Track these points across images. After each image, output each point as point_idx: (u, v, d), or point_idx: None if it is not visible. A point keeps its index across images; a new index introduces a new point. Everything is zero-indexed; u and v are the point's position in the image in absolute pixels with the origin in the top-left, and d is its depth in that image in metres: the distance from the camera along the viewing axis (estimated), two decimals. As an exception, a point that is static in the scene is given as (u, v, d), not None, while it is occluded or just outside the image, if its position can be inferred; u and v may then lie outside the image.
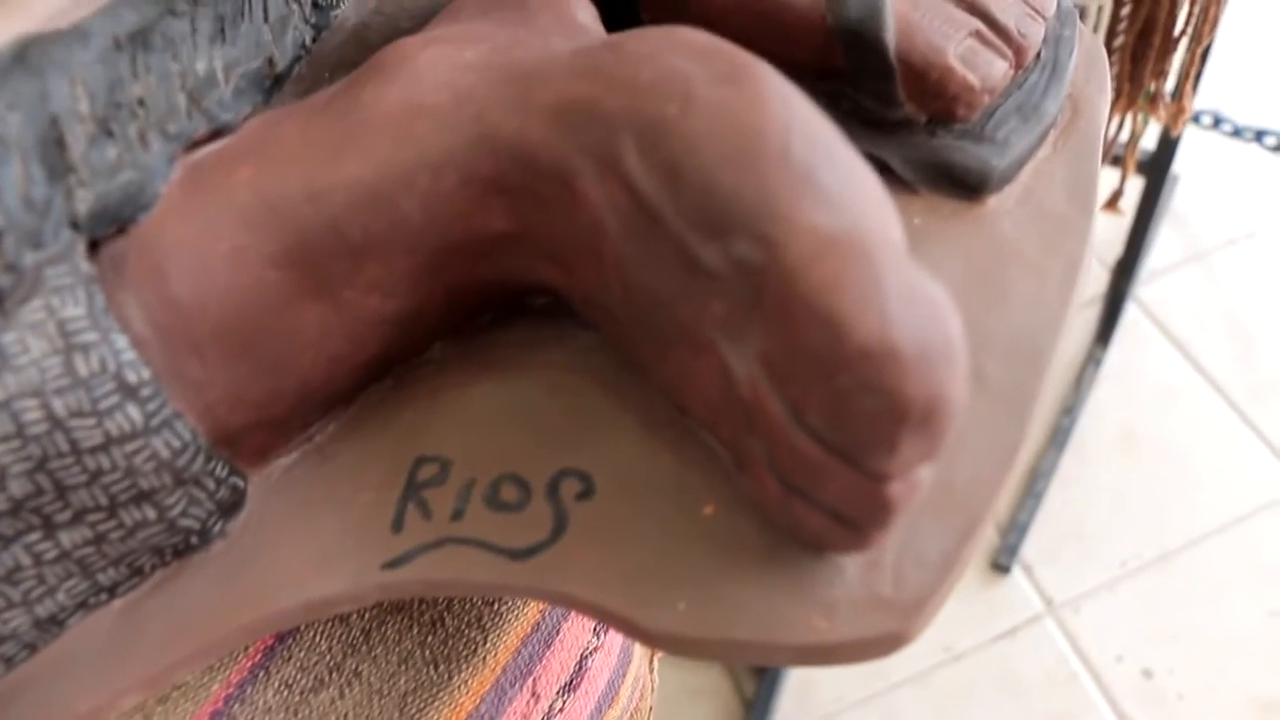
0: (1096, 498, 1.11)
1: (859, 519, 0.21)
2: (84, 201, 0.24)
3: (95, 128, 0.25)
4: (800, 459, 0.21)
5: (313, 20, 0.31)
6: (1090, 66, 0.34)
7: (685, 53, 0.23)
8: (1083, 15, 0.67)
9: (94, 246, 0.25)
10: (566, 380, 0.29)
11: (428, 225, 0.26)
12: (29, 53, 0.24)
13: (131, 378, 0.24)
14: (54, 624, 0.27)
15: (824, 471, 0.21)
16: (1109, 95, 0.34)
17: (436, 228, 0.26)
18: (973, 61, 0.30)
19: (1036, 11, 0.32)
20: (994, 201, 0.31)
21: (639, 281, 0.24)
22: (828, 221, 0.20)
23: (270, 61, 0.29)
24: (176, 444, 0.25)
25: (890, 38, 0.30)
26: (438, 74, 0.27)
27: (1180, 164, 0.91)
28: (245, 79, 0.28)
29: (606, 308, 0.26)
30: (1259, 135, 1.20)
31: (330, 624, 0.31)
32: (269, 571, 0.28)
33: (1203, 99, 1.27)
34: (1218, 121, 1.20)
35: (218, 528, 0.28)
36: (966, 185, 0.31)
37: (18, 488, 0.24)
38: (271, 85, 0.30)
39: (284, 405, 0.28)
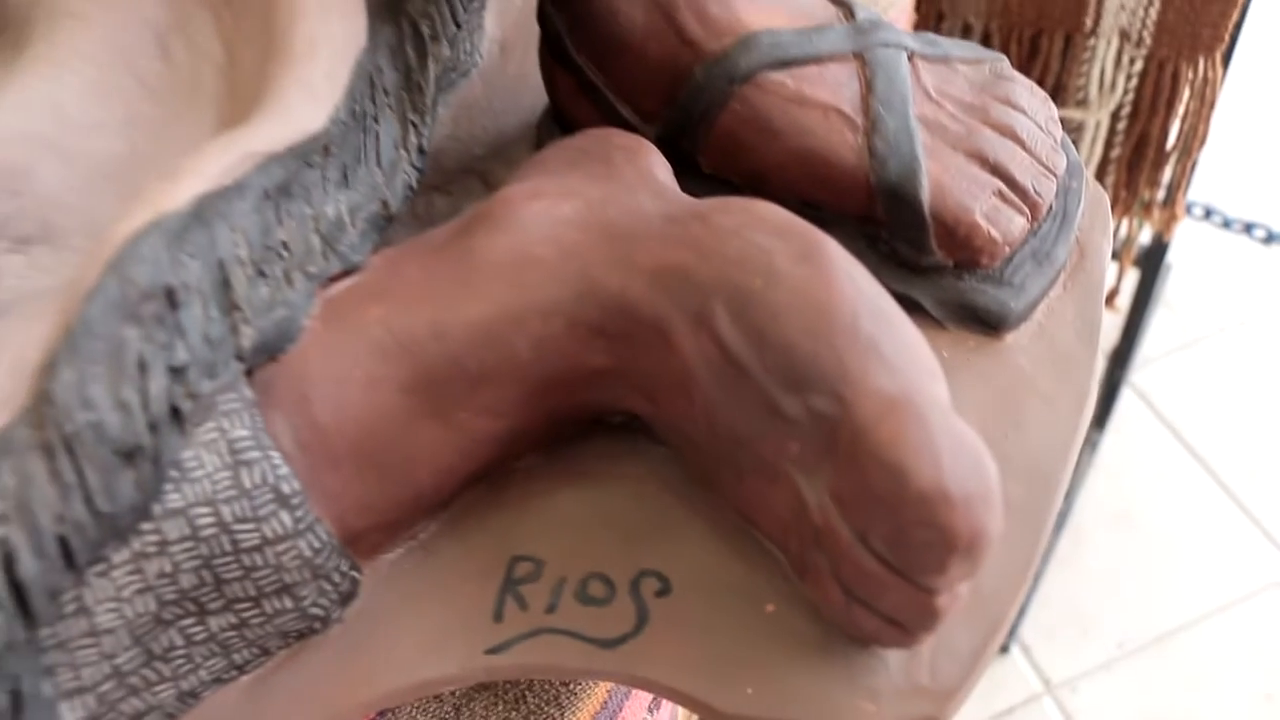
0: (1093, 579, 1.17)
1: (910, 623, 0.27)
2: (248, 337, 0.29)
3: (253, 270, 0.30)
4: (863, 573, 0.26)
5: (418, 164, 0.36)
6: (1095, 214, 0.40)
7: (765, 229, 0.29)
8: (1082, 129, 0.74)
9: (248, 373, 0.31)
10: (643, 489, 0.34)
11: (536, 361, 0.31)
12: (202, 208, 0.30)
13: (286, 489, 0.29)
14: (192, 696, 0.32)
15: (883, 585, 0.26)
16: (1111, 239, 0.40)
17: (543, 363, 0.31)
18: (995, 218, 0.36)
19: (1049, 170, 0.38)
20: (1011, 338, 0.37)
21: (724, 420, 0.29)
22: (889, 385, 0.26)
23: (385, 204, 0.35)
24: (317, 544, 0.30)
25: (925, 196, 0.35)
26: (542, 227, 0.32)
27: (1173, 254, 0.98)
28: (366, 221, 0.34)
29: (690, 437, 0.31)
30: (1249, 228, 1.27)
31: (425, 700, 0.36)
32: (382, 654, 0.33)
33: (1195, 191, 1.34)
34: (1209, 213, 1.27)
35: (336, 614, 0.33)
36: (988, 324, 0.36)
37: (186, 581, 0.29)
38: (386, 225, 0.35)
39: (401, 510, 0.33)
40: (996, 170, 0.36)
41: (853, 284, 0.28)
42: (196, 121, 0.35)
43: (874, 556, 0.26)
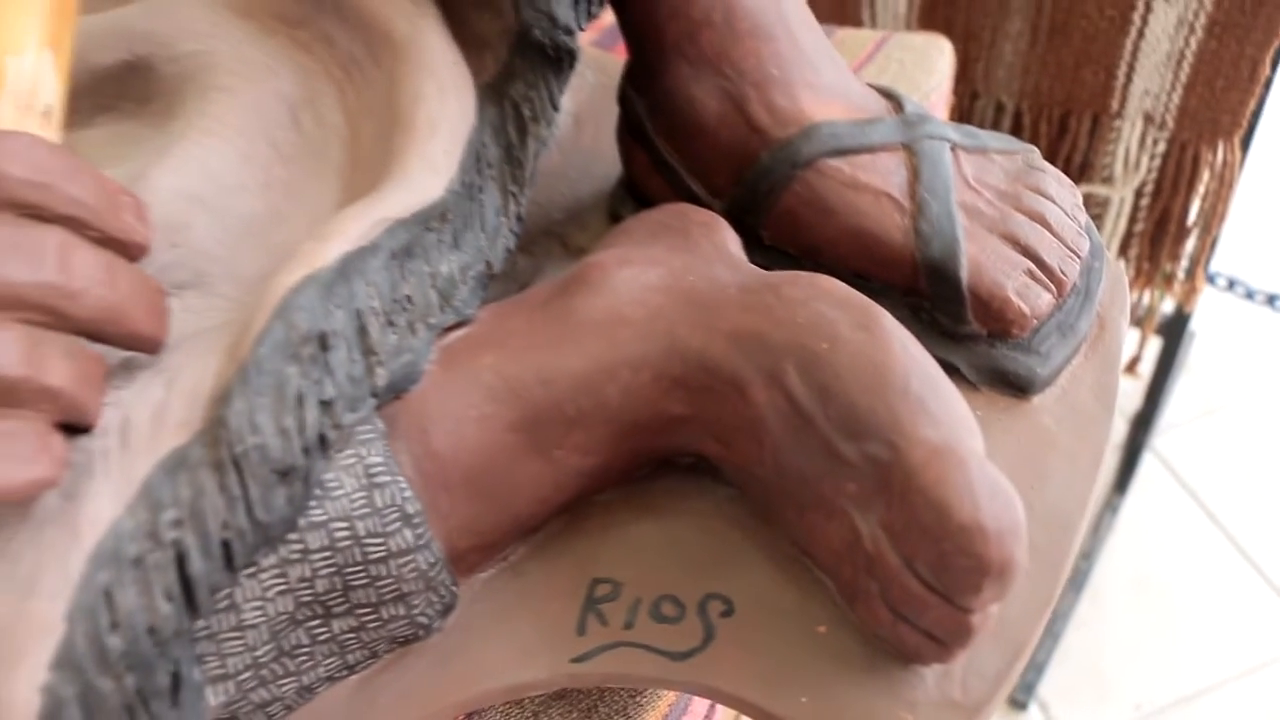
0: (1111, 640, 1.21)
1: (948, 639, 0.32)
2: (381, 378, 0.35)
3: (384, 320, 0.36)
4: (909, 595, 0.32)
5: (515, 230, 0.42)
6: (1114, 291, 0.46)
7: (830, 300, 0.35)
8: (1107, 205, 0.80)
9: (378, 409, 0.37)
10: (709, 523, 0.40)
11: (625, 407, 0.37)
12: (346, 265, 0.36)
13: (410, 509, 0.35)
14: (309, 691, 0.37)
15: (926, 605, 0.31)
16: (1128, 314, 0.46)
17: (631, 409, 0.37)
18: (1026, 294, 0.42)
19: (1074, 252, 0.43)
20: (1037, 400, 0.42)
21: (790, 462, 0.35)
22: (935, 436, 0.31)
23: (489, 264, 0.41)
24: (431, 559, 0.36)
25: (964, 274, 0.41)
26: (632, 291, 0.38)
27: (1197, 322, 1.03)
28: (474, 279, 0.40)
29: (758, 476, 0.37)
30: (1271, 300, 1.33)
31: (508, 705, 0.41)
32: (477, 660, 0.38)
33: (1220, 263, 1.40)
34: (1232, 284, 1.33)
35: (437, 624, 0.38)
36: (1017, 386, 0.42)
37: (321, 585, 0.34)
38: (489, 282, 0.41)
39: (499, 534, 0.38)
40: (1027, 252, 0.42)
41: (904, 350, 0.33)
42: (323, 185, 0.42)
43: (919, 580, 0.31)
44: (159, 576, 0.31)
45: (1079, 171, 0.79)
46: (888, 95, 0.46)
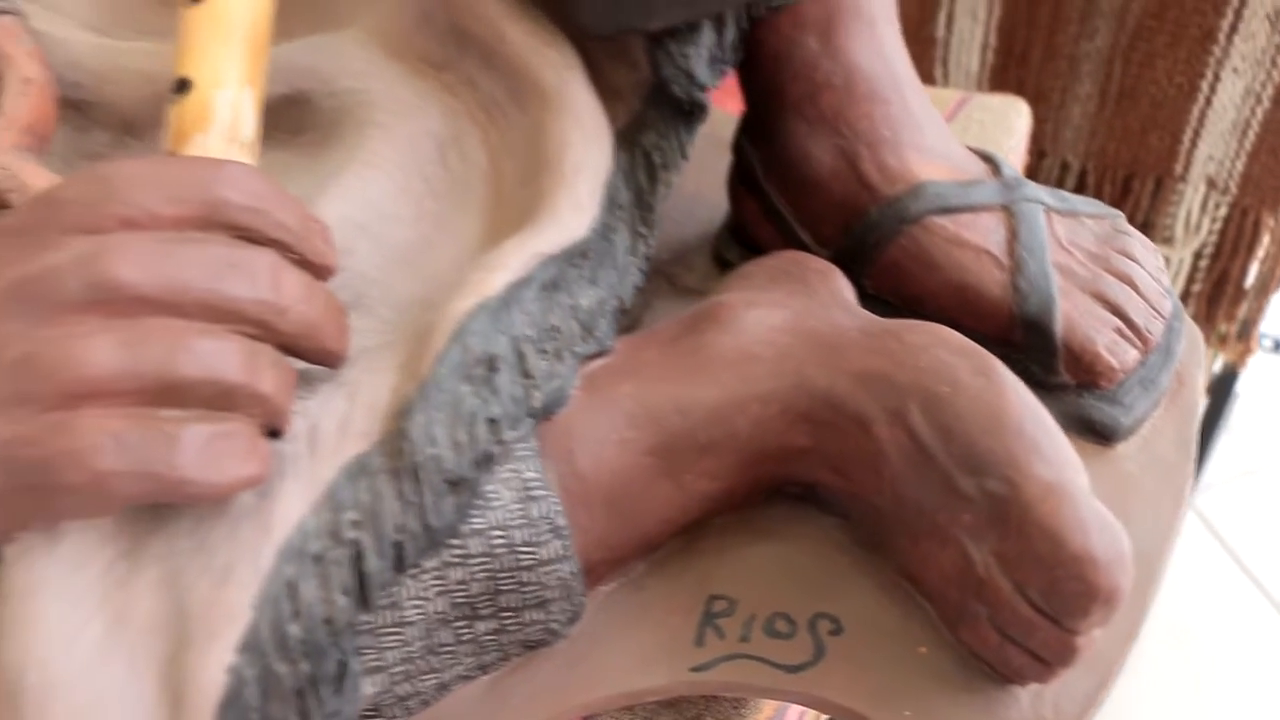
0: (1148, 693, 1.25)
1: (1052, 659, 0.37)
2: (537, 399, 0.40)
3: (537, 347, 0.41)
4: (1019, 618, 0.36)
5: (643, 269, 0.47)
6: (1192, 349, 0.51)
7: (949, 348, 0.40)
8: (1166, 265, 0.85)
9: (528, 429, 0.41)
10: (817, 548, 0.45)
11: (752, 437, 0.42)
12: (509, 295, 0.40)
13: (560, 522, 0.40)
14: (446, 688, 0.42)
15: (1034, 627, 0.36)
16: (1205, 370, 0.51)
17: (758, 439, 0.42)
18: (1114, 350, 0.47)
19: (1158, 312, 0.48)
20: (1121, 448, 0.47)
21: (908, 493, 0.39)
22: (1048, 474, 0.36)
23: (621, 300, 0.46)
24: (573, 569, 0.40)
25: (1058, 329, 0.46)
26: (760, 331, 0.43)
27: (1240, 382, 1.08)
28: (609, 313, 0.45)
29: (873, 505, 0.41)
30: (1315, 361, 1.38)
31: (619, 712, 0.46)
32: (600, 667, 0.43)
33: (1266, 324, 1.45)
34: (1278, 345, 1.38)
35: (564, 631, 0.43)
36: (1102, 435, 0.47)
37: (475, 589, 0.39)
38: (620, 317, 0.46)
39: (627, 550, 0.43)
40: (1117, 311, 0.47)
41: (1019, 395, 0.38)
42: (468, 218, 0.47)
43: (1029, 605, 0.36)
44: (337, 572, 0.36)
45: (1140, 231, 0.84)
46: (985, 158, 0.52)
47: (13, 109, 0.46)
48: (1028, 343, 0.47)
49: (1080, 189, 0.85)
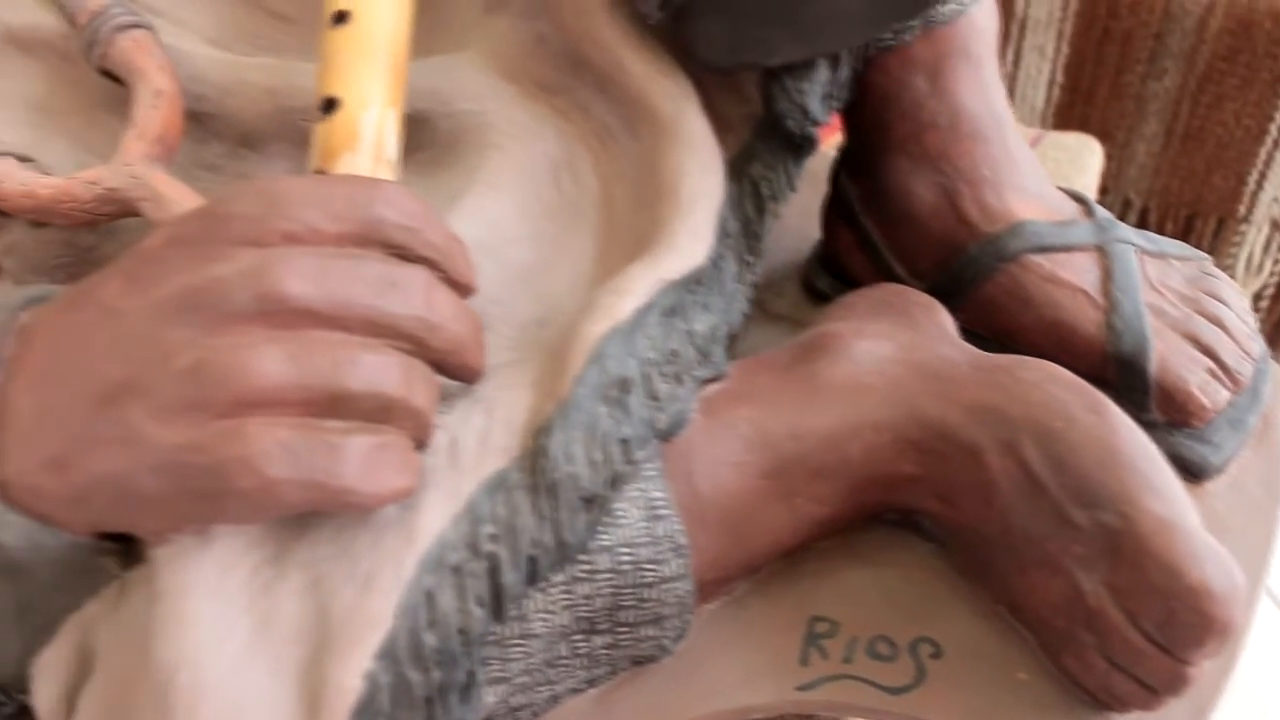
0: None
1: (1161, 688, 0.39)
2: (662, 421, 0.42)
3: (660, 371, 0.43)
4: (1129, 647, 0.39)
5: (749, 297, 0.50)
6: (1278, 391, 0.53)
7: (1061, 385, 0.42)
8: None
9: (642, 450, 0.43)
10: (914, 574, 0.47)
11: (863, 464, 0.44)
12: (637, 319, 0.42)
13: (681, 541, 0.42)
14: (556, 700, 0.44)
15: (1145, 656, 0.38)
16: (1290, 413, 0.53)
17: (868, 466, 0.44)
18: (1206, 390, 0.49)
19: (1247, 354, 0.51)
20: (1210, 485, 0.49)
21: (1018, 523, 0.42)
22: (1161, 508, 0.38)
23: (730, 325, 0.48)
24: (689, 587, 0.43)
25: (1152, 368, 0.48)
26: (870, 361, 0.46)
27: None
28: (722, 339, 0.47)
29: (980, 533, 0.44)
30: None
31: (720, 728, 0.48)
32: (705, 683, 0.45)
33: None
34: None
35: (671, 647, 0.45)
36: (1192, 473, 0.49)
37: (598, 603, 0.41)
38: (729, 344, 0.48)
39: (736, 569, 0.45)
40: (1208, 351, 0.50)
41: (1130, 433, 0.41)
42: (581, 240, 0.49)
43: (1142, 635, 0.38)
44: (474, 584, 0.37)
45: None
46: (1076, 198, 0.54)
47: (144, 120, 0.48)
48: (1120, 380, 0.49)
49: (1142, 226, 0.87)
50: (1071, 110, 0.85)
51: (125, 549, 0.38)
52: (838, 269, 0.57)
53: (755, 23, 0.45)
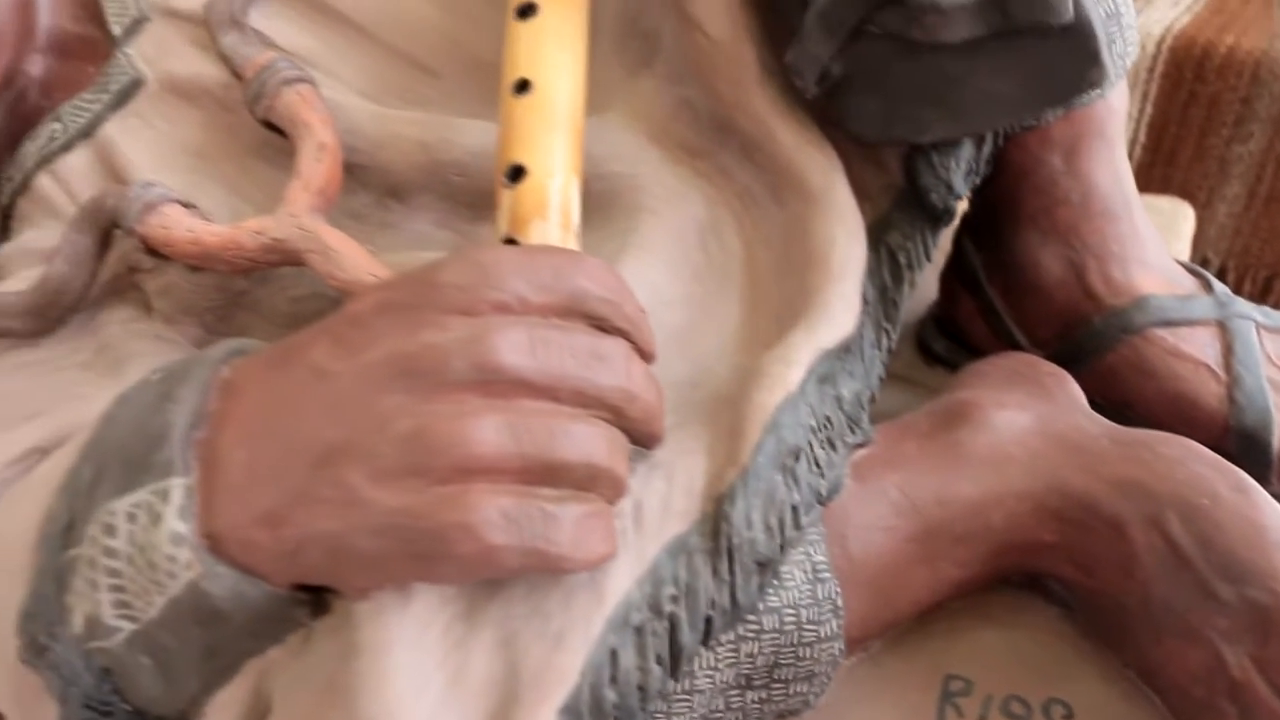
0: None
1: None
2: (824, 487, 0.45)
3: (819, 438, 0.46)
4: (1273, 717, 0.42)
5: (886, 362, 0.53)
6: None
7: (1203, 463, 0.46)
8: None
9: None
10: (1043, 636, 0.50)
11: (1004, 531, 0.47)
12: (801, 389, 0.46)
13: (839, 602, 0.45)
14: (703, 750, 0.47)
15: (1288, 726, 0.42)
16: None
17: (1008, 534, 0.47)
18: (1322, 462, 0.53)
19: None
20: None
21: (1158, 595, 0.45)
22: (1311, 587, 0.42)
23: (871, 390, 0.51)
24: (842, 647, 0.46)
25: (1276, 441, 0.52)
26: (1011, 431, 0.49)
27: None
28: (865, 404, 0.50)
29: (1117, 602, 0.47)
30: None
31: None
32: (845, 737, 0.48)
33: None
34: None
35: (815, 703, 0.48)
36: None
37: (760, 661, 0.44)
38: (870, 409, 0.51)
39: (877, 628, 0.48)
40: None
41: (1274, 511, 0.44)
42: (726, 303, 0.52)
43: (1288, 707, 0.42)
44: (654, 643, 0.40)
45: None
46: (1194, 273, 0.58)
47: (309, 172, 0.51)
48: (1241, 453, 0.53)
49: (1219, 285, 0.91)
50: (1153, 170, 0.89)
51: (315, 600, 0.41)
52: (954, 332, 0.61)
53: (908, 102, 0.49)
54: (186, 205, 0.53)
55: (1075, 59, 0.46)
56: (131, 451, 0.39)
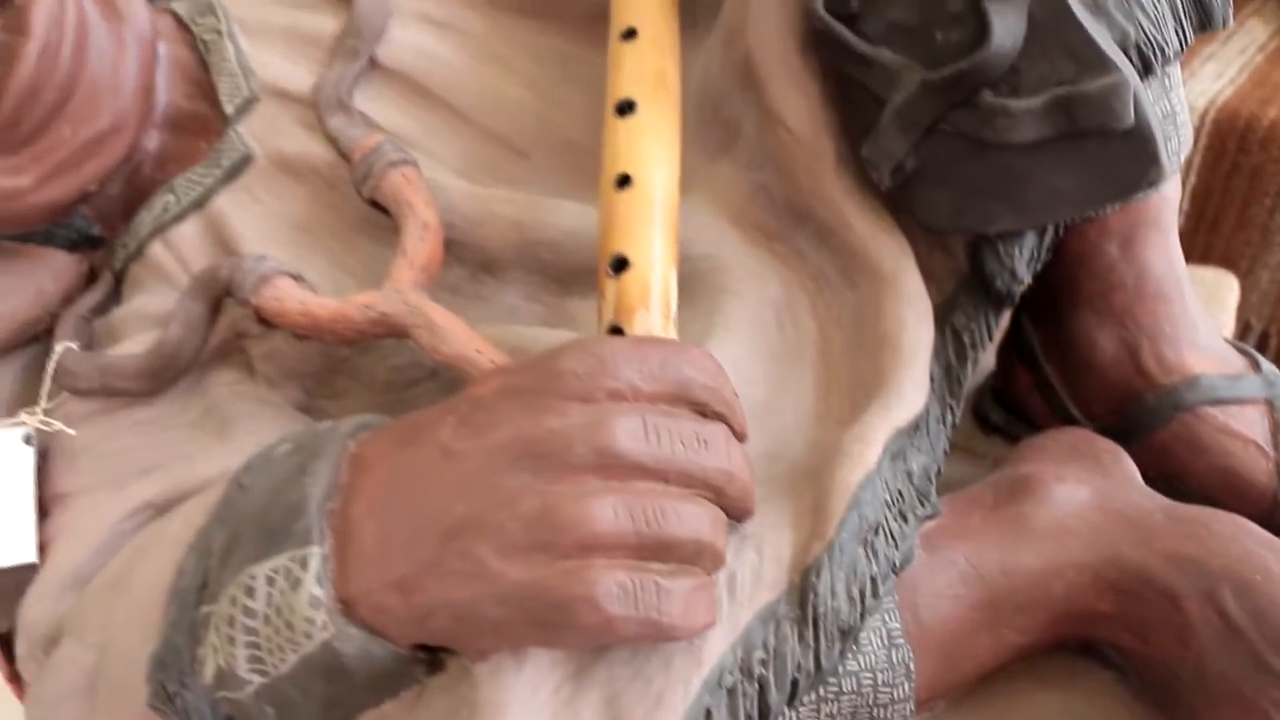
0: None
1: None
2: (899, 558, 0.49)
3: (891, 511, 0.51)
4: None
5: (950, 437, 0.57)
6: None
7: (1256, 540, 0.50)
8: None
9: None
10: (1098, 700, 0.54)
11: (1064, 600, 0.52)
12: (878, 465, 0.50)
13: (911, 667, 0.49)
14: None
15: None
16: None
17: (1068, 603, 0.52)
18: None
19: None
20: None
21: (1212, 666, 0.49)
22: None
23: (938, 463, 0.55)
24: (912, 708, 0.50)
25: (1322, 518, 0.56)
26: (1071, 505, 0.53)
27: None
28: (932, 477, 0.54)
29: (1172, 670, 0.51)
30: None
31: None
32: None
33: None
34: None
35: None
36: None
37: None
38: (937, 481, 0.56)
39: (942, 691, 0.52)
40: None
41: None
42: (802, 381, 0.56)
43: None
44: (744, 704, 0.44)
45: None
46: (1243, 352, 0.62)
47: (413, 251, 0.56)
48: (1287, 526, 0.57)
49: (1260, 350, 0.95)
50: (1196, 237, 0.93)
51: (432, 659, 0.45)
52: (1011, 404, 0.65)
53: (977, 195, 0.53)
54: (296, 278, 0.57)
55: (1136, 160, 0.50)
56: (270, 520, 0.44)
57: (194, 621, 0.45)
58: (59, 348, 0.61)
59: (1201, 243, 0.94)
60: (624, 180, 0.50)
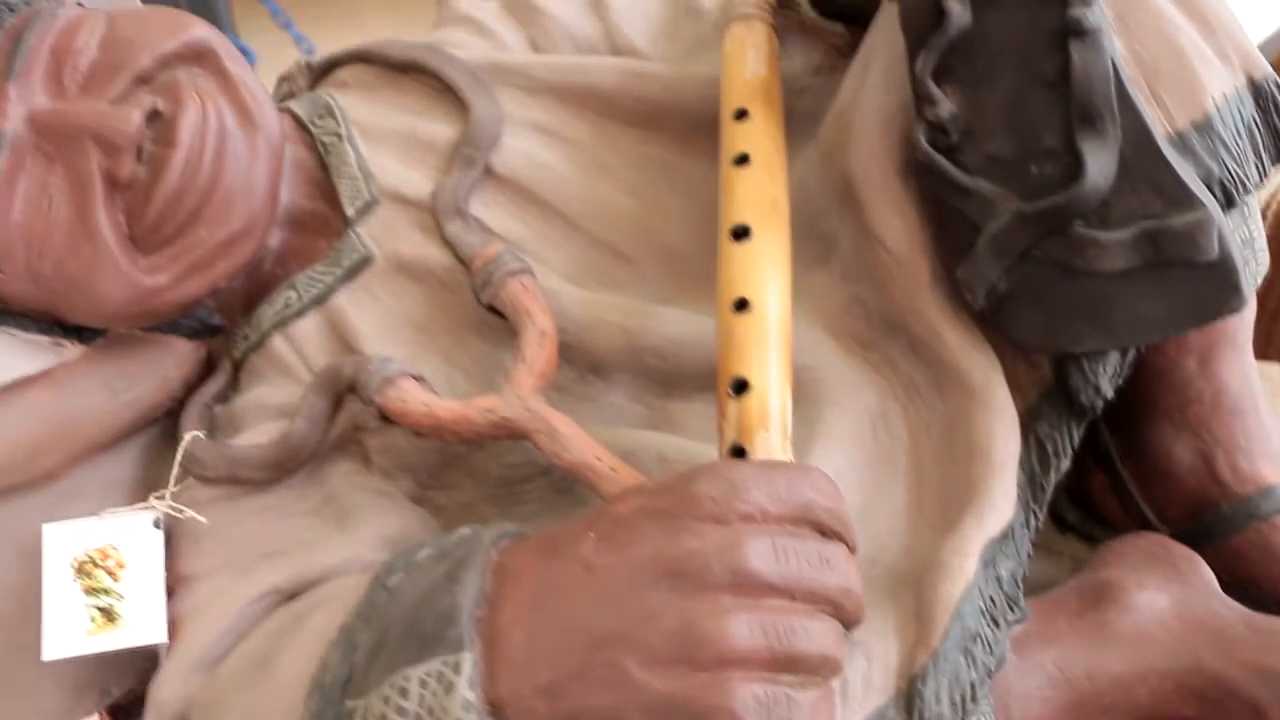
0: None
1: None
2: (993, 663, 0.53)
3: (986, 618, 0.55)
4: None
5: (1034, 540, 0.61)
6: None
7: (1332, 653, 0.54)
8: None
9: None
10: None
11: (1148, 705, 0.56)
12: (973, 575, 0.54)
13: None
14: None
15: None
16: None
17: (1152, 707, 0.56)
18: None
19: None
20: None
21: (1290, 765, 0.54)
22: None
23: (1023, 568, 0.60)
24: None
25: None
26: (1152, 612, 0.57)
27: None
28: (1019, 582, 0.59)
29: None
30: None
31: None
32: None
33: None
34: None
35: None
36: None
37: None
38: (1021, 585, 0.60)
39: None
40: None
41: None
42: (895, 486, 0.60)
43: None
44: None
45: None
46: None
47: (532, 357, 0.60)
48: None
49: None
50: (1258, 327, 0.97)
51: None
52: (1086, 504, 0.70)
53: (1065, 317, 0.57)
54: (418, 378, 0.62)
55: (1219, 289, 0.55)
56: (423, 625, 0.48)
57: (339, 714, 0.50)
58: (187, 436, 0.66)
59: (1262, 330, 0.98)
60: (742, 304, 0.55)
